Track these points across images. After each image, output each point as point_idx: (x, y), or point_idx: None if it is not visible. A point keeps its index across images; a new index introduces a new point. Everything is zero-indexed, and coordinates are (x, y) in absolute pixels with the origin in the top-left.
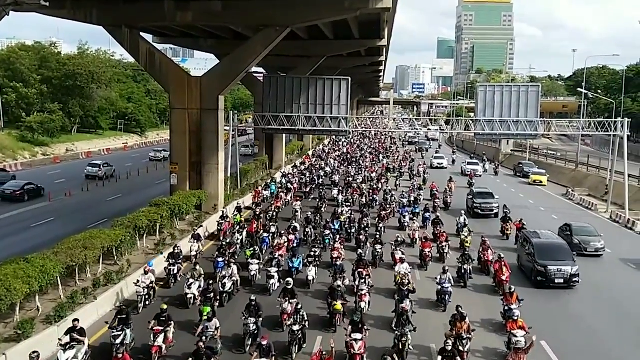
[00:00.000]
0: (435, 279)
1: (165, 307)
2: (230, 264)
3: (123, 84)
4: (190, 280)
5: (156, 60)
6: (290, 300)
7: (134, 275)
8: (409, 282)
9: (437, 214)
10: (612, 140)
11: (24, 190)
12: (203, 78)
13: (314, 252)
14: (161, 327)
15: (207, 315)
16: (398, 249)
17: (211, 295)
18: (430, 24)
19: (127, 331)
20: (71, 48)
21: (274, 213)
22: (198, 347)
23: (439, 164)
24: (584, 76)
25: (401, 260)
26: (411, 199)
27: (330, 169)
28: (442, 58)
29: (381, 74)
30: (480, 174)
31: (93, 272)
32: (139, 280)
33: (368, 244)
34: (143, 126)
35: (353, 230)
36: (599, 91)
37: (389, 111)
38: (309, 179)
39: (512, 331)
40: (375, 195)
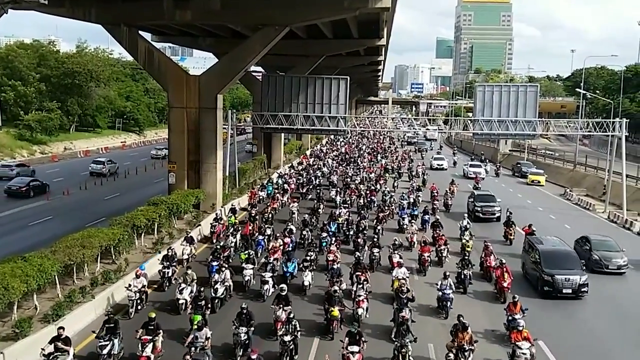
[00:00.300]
0: (436, 284)
1: (153, 316)
2: (223, 269)
3: (122, 82)
4: (182, 285)
5: (155, 59)
6: (284, 308)
7: (131, 274)
8: (408, 290)
9: (437, 217)
10: (610, 141)
11: (29, 186)
12: (201, 77)
13: (310, 257)
14: (149, 337)
15: (198, 324)
16: (396, 252)
17: (202, 303)
18: (429, 23)
19: (115, 341)
20: (70, 46)
21: (270, 215)
22: None
23: (439, 165)
24: (583, 76)
25: (399, 264)
26: (410, 201)
27: (328, 169)
28: (441, 58)
29: (380, 74)
30: (483, 177)
31: (91, 271)
32: (130, 285)
33: (366, 247)
34: (141, 125)
35: (351, 232)
36: (598, 91)
37: (388, 111)
38: (306, 180)
39: (517, 342)
40: (374, 197)
